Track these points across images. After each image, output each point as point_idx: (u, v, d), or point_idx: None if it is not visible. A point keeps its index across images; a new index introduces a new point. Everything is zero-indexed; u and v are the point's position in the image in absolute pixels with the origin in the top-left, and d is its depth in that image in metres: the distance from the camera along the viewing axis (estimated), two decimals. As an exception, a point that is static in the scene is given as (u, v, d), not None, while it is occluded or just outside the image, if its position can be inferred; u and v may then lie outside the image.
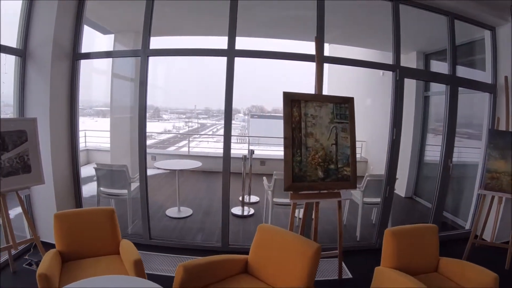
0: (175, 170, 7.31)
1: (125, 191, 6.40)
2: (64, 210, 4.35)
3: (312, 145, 4.38)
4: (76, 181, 5.76)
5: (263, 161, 11.16)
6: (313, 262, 3.35)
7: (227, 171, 5.38)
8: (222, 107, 5.25)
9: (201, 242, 5.76)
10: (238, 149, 14.95)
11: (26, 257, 4.96)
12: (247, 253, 4.22)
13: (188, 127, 33.54)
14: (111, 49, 8.13)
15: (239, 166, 10.28)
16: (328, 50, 9.24)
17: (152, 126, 10.84)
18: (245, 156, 7.32)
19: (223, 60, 5.05)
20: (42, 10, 5.04)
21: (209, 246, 5.62)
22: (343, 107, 4.54)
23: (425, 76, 7.16)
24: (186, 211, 7.29)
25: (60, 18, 5.10)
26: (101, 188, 6.51)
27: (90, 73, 7.59)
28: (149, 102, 9.21)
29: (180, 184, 7.36)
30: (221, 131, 5.57)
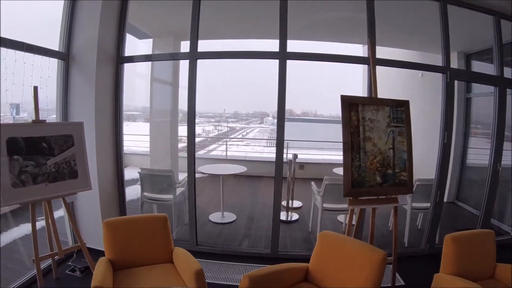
0: (219, 175, 6.96)
1: (170, 196, 6.12)
2: (114, 217, 4.08)
3: (370, 149, 4.07)
4: (120, 186, 5.55)
5: (301, 165, 10.51)
6: (380, 270, 3.17)
7: (279, 177, 5.05)
8: (251, 111, 4.91)
9: (249, 249, 5.43)
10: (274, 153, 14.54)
11: (69, 263, 4.82)
12: (297, 259, 4.08)
13: (218, 131, 32.83)
14: (148, 53, 7.67)
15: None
16: (362, 51, 8.93)
17: (182, 130, 10.46)
18: (290, 160, 6.88)
19: (254, 64, 4.74)
20: (85, 13, 4.88)
21: (258, 253, 5.30)
22: (399, 111, 4.22)
23: (474, 78, 6.67)
24: (229, 216, 6.93)
25: (104, 21, 4.89)
26: (145, 193, 6.20)
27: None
28: (179, 106, 9.02)
29: (220, 189, 6.97)
30: (251, 135, 5.19)
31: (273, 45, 4.93)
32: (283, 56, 4.76)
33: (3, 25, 3.87)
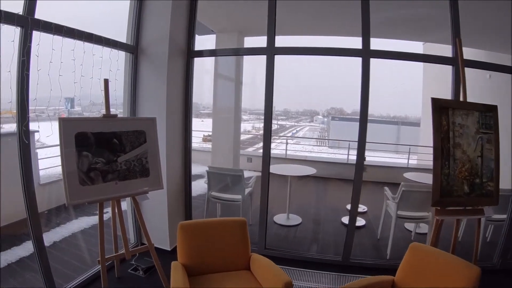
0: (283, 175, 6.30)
1: (238, 196, 5.63)
2: (189, 220, 3.69)
3: (460, 157, 3.59)
4: (187, 185, 5.21)
5: (364, 167, 9.86)
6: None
7: (359, 180, 4.56)
8: (301, 109, 4.38)
9: (319, 255, 4.92)
10: (334, 153, 13.70)
11: (132, 261, 4.46)
12: (369, 269, 4.04)
13: None
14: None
15: (337, 171, 9.28)
16: (423, 49, 8.31)
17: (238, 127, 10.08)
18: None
19: (303, 61, 4.24)
20: (155, 6, 4.56)
21: (328, 260, 4.83)
22: (488, 116, 3.65)
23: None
24: (295, 219, 6.37)
25: (175, 13, 4.54)
26: (212, 192, 5.74)
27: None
28: (228, 103, 8.52)
29: (284, 189, 6.44)
30: (300, 133, 4.66)
31: (341, 42, 4.38)
32: (366, 53, 4.27)
33: (70, 14, 3.63)
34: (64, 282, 3.84)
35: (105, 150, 3.52)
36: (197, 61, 4.97)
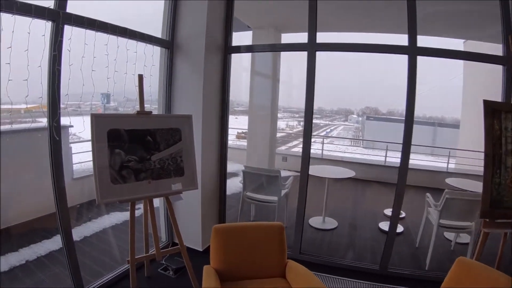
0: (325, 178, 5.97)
1: (274, 197, 5.35)
2: (224, 224, 3.46)
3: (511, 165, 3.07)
4: (221, 185, 4.98)
5: None
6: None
7: (403, 185, 4.20)
8: (335, 107, 4.08)
9: (355, 262, 4.57)
10: (368, 154, 13.24)
11: (163, 261, 4.26)
12: (407, 279, 3.91)
13: (302, 127, 31.52)
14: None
15: (374, 173, 8.89)
16: (463, 48, 7.87)
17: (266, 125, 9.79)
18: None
19: (337, 59, 3.95)
20: (191, 1, 4.33)
21: (365, 268, 4.49)
22: (541, 121, 3.24)
23: None
24: (331, 223, 6.01)
25: (212, 7, 4.32)
26: (247, 193, 5.50)
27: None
28: (264, 100, 8.27)
29: (319, 191, 6.14)
30: (334, 132, 4.37)
31: (382, 39, 4.09)
32: (413, 51, 3.97)
33: (103, 9, 3.49)
34: (92, 279, 3.76)
35: (139, 148, 3.34)
36: (233, 57, 4.75)
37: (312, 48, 4.27)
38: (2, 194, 5.13)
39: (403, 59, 4.21)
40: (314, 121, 4.51)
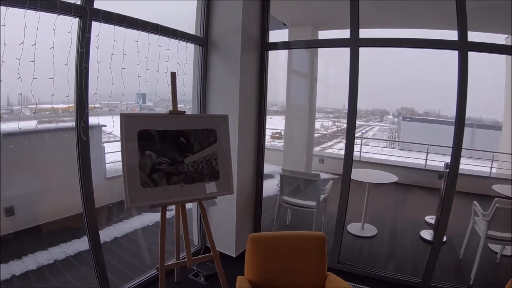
0: (366, 182, 5.47)
1: (313, 202, 4.92)
2: (261, 232, 3.10)
3: None
4: (258, 189, 4.67)
5: (441, 174, 8.57)
6: None
7: (452, 192, 3.71)
8: (370, 108, 3.68)
9: (396, 274, 4.13)
10: (405, 157, 12.62)
11: (194, 267, 3.96)
12: None
13: (336, 127, 30.53)
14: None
15: (413, 177, 8.38)
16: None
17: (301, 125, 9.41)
18: (446, 171, 5.32)
19: (373, 57, 3.56)
20: None
21: (406, 281, 4.04)
22: None
23: None
24: (370, 230, 5.50)
25: (247, 4, 4.00)
26: (284, 197, 5.08)
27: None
28: (300, 100, 7.87)
29: (358, 196, 5.61)
30: (370, 133, 3.95)
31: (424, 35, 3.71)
32: (464, 46, 3.54)
33: (133, 6, 3.25)
34: (120, 282, 3.59)
35: (171, 150, 3.04)
36: (269, 56, 4.44)
37: (355, 43, 3.86)
38: (35, 190, 5.19)
39: (442, 56, 3.80)
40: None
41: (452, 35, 3.63)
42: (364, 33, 3.87)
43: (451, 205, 3.76)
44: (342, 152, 4.21)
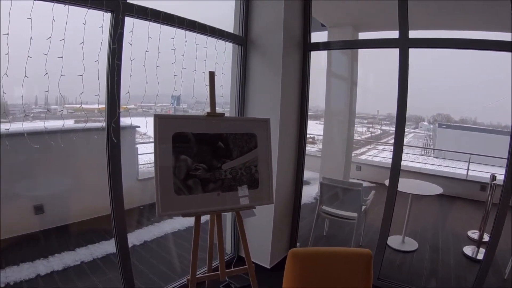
0: (409, 193, 4.96)
1: (354, 214, 4.46)
2: (302, 248, 2.70)
3: None
4: (297, 198, 4.25)
5: (483, 186, 7.35)
6: None
7: (506, 205, 3.16)
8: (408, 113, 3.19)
9: None
10: (439, 165, 11.85)
11: (226, 278, 3.53)
12: None
13: (371, 133, 29.76)
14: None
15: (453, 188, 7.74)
16: None
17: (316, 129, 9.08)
18: (493, 183, 4.79)
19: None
20: None
21: None
22: None
23: None
24: (410, 244, 4.95)
25: (288, 2, 3.65)
26: (323, 207, 4.63)
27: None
28: (339, 104, 7.42)
29: (399, 207, 5.09)
30: (404, 140, 3.45)
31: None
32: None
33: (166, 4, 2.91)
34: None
35: (208, 155, 2.66)
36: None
37: (404, 43, 3.41)
38: (65, 190, 5.05)
39: (483, 61, 3.35)
40: (383, 127, 3.65)
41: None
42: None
43: (503, 222, 3.22)
44: (377, 159, 3.77)
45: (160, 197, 2.43)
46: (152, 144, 2.48)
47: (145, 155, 6.69)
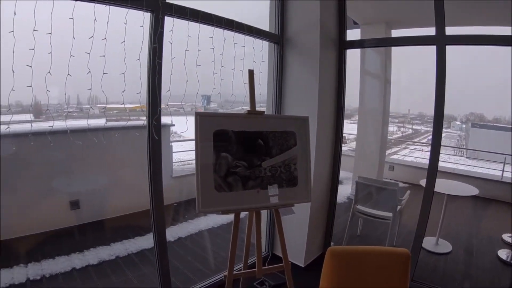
0: (445, 194, 4.76)
1: (389, 214, 4.32)
2: (341, 246, 2.67)
3: None
4: (332, 196, 4.16)
5: None
6: None
7: None
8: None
9: None
10: (473, 166, 11.40)
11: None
12: None
13: (402, 133, 29.08)
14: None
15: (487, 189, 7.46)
16: None
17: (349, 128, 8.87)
18: None
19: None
20: None
21: None
22: None
23: None
24: (444, 246, 4.74)
25: (324, 2, 3.56)
26: (358, 206, 4.51)
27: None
28: (372, 103, 7.24)
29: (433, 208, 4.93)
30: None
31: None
32: None
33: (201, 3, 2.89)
34: (182, 284, 3.43)
35: (248, 153, 2.60)
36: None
37: (442, 41, 3.25)
38: (101, 186, 5.10)
39: None
40: (414, 127, 3.51)
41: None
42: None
43: None
44: (408, 159, 3.63)
45: (200, 194, 2.38)
46: (184, 143, 2.46)
47: (178, 153, 6.70)
